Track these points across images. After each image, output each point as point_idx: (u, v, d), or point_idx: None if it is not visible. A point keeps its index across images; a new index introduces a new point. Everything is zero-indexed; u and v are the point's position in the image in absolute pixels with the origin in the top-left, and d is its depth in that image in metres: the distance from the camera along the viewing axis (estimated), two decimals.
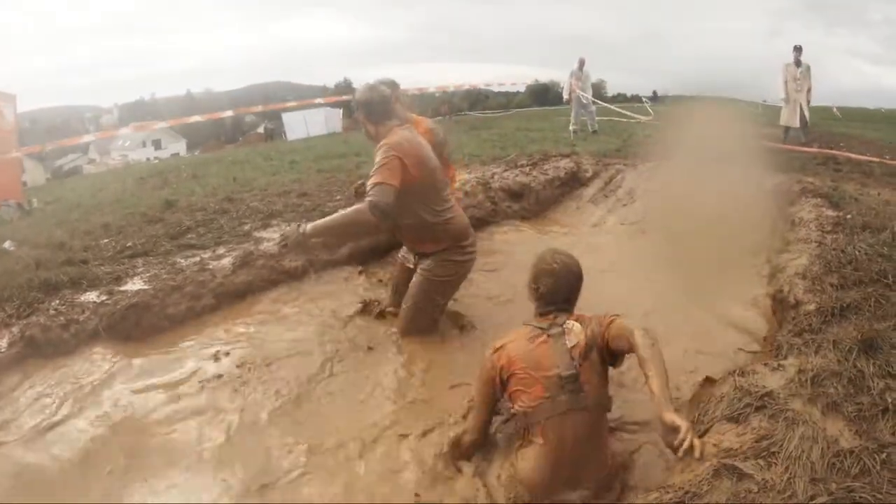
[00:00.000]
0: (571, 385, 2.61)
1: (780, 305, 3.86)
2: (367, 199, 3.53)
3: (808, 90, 11.68)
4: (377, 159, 3.63)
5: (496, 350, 2.82)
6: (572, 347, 2.68)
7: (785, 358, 2.86)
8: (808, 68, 11.67)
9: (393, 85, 4.40)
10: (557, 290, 2.89)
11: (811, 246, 4.40)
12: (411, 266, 4.13)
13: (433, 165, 3.87)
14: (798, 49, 11.62)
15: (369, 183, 3.59)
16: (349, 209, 3.69)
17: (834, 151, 10.40)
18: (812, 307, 3.46)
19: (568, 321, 2.78)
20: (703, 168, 5.12)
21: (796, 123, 11.72)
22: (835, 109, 25.20)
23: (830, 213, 5.08)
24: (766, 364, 2.74)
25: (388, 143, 3.68)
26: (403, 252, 4.28)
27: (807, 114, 11.79)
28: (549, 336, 2.74)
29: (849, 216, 4.92)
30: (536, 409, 2.63)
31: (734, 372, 2.71)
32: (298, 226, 3.66)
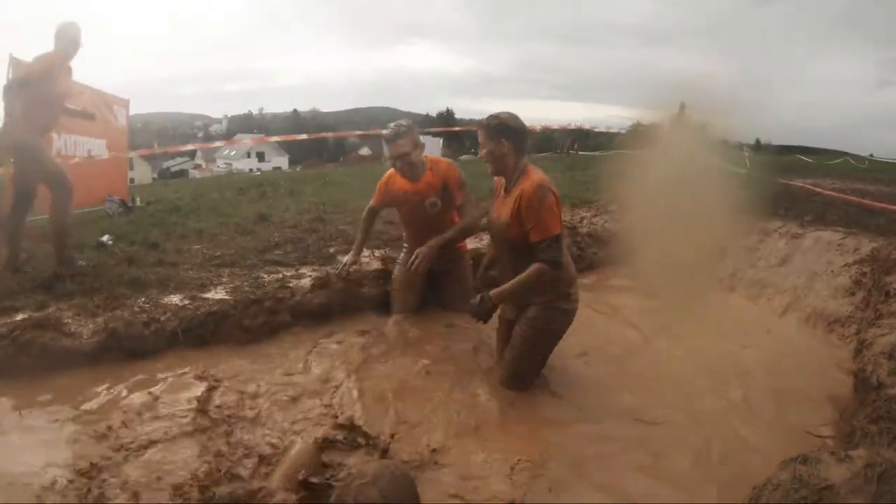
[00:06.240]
0: None
1: (862, 385, 3.65)
2: (549, 256, 3.43)
3: None
4: (537, 200, 3.46)
5: None
6: None
7: (856, 447, 2.68)
8: None
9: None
10: None
11: None
12: (511, 318, 3.87)
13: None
14: None
15: (538, 234, 3.45)
16: (529, 273, 3.45)
17: None
18: (894, 392, 3.27)
19: None
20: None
21: None
22: None
23: None
24: (833, 453, 2.55)
25: (544, 185, 3.50)
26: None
27: None
28: None
29: None
30: None
31: (796, 458, 2.55)
32: (481, 297, 3.52)
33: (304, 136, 22.07)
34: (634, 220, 6.28)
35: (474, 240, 5.26)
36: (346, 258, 4.98)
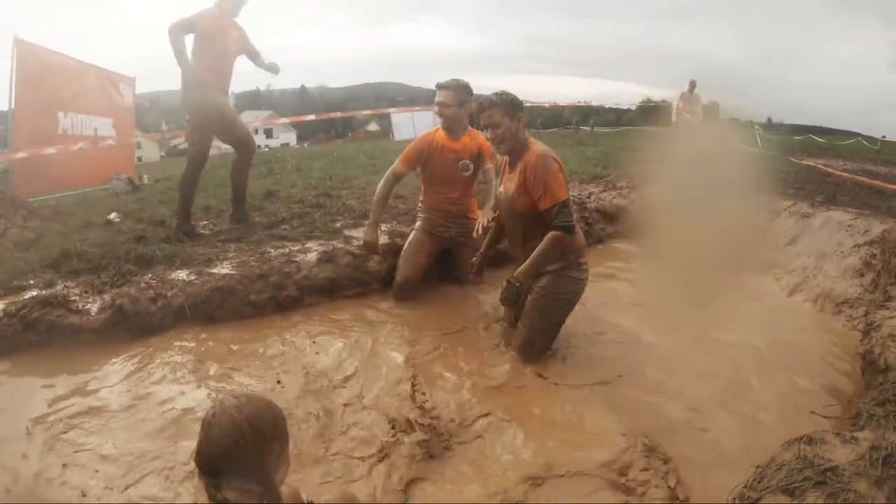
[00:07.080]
0: None
1: (870, 367, 3.61)
2: (561, 222, 3.54)
3: None
4: (541, 168, 3.55)
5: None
6: None
7: (861, 429, 2.65)
8: None
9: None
10: None
11: None
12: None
13: None
14: None
15: (548, 202, 3.55)
16: (546, 242, 3.57)
17: None
18: None
19: None
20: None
21: None
22: None
23: None
24: (838, 434, 2.53)
25: (547, 154, 3.61)
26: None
27: None
28: None
29: None
30: None
31: (801, 438, 2.53)
32: (509, 282, 3.67)
33: (311, 117, 22.20)
34: (646, 198, 6.24)
35: None
36: (364, 235, 4.91)
